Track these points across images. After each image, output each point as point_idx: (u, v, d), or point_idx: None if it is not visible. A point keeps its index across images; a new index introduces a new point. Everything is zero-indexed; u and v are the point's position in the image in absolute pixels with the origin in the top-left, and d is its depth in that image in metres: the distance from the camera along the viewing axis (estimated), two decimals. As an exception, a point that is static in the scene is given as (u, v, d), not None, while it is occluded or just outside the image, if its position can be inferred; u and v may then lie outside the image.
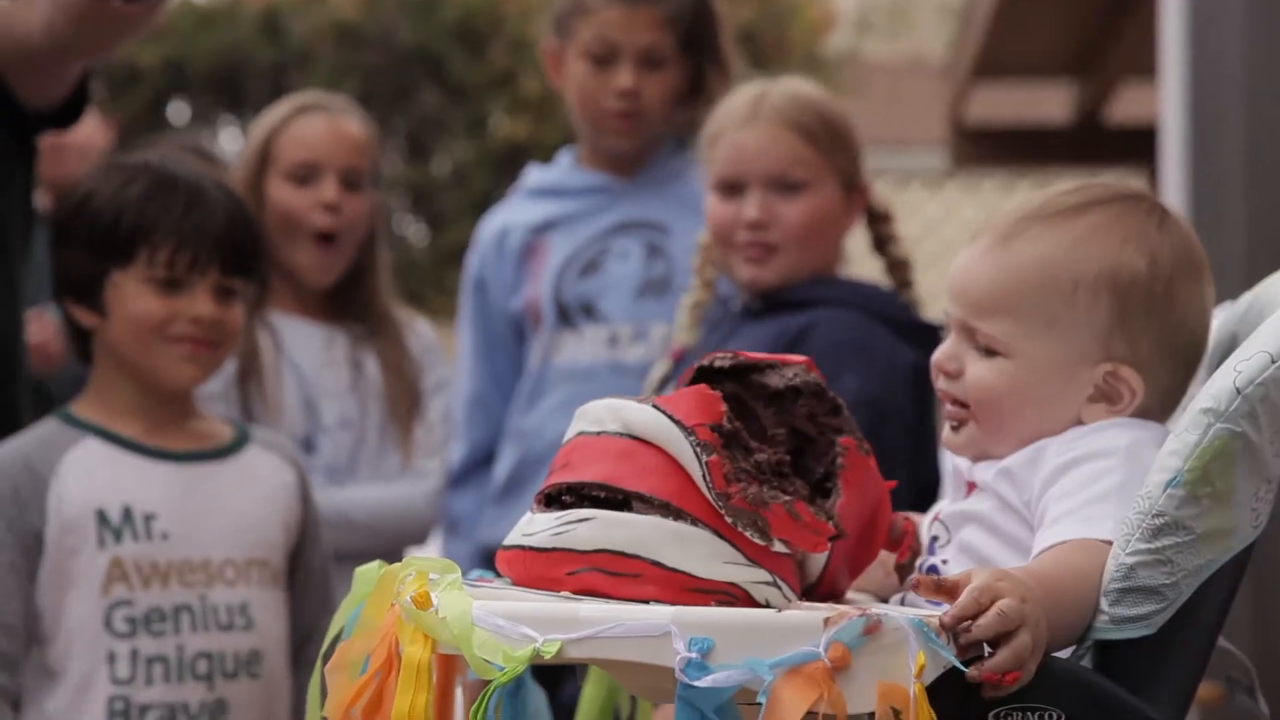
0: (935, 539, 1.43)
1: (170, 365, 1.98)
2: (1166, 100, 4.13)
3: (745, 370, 1.36)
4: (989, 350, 1.41)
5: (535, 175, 2.80)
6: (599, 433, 1.29)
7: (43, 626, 1.90)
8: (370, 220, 2.58)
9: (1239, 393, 1.27)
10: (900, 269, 2.27)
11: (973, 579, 1.18)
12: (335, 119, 2.56)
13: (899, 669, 1.15)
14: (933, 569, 1.41)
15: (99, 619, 1.90)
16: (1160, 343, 1.40)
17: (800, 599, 1.30)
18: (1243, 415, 1.27)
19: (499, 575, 1.36)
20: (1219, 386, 1.28)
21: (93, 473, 1.94)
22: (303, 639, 2.05)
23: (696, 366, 1.37)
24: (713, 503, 1.25)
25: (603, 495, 1.26)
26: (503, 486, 2.66)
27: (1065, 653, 1.28)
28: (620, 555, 1.25)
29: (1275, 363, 1.27)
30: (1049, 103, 9.06)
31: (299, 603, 2.05)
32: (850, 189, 2.21)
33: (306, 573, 2.08)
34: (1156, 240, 1.41)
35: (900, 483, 1.48)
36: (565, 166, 2.76)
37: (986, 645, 1.18)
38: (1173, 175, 4.08)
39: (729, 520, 1.24)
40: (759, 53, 10.48)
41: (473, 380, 2.73)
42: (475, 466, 2.72)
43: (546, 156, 2.90)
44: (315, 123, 2.54)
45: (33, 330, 3.27)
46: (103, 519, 1.92)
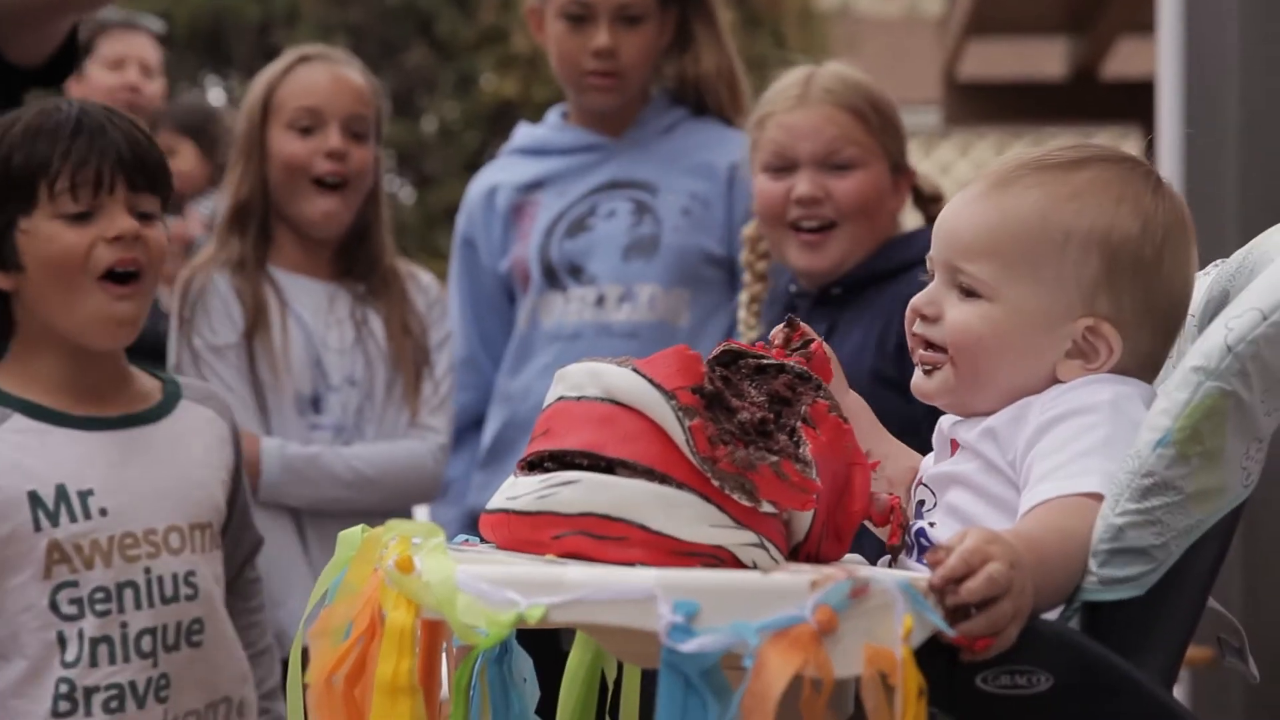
0: (921, 503, 1.42)
1: (100, 310, 1.85)
2: (1163, 56, 4.11)
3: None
4: (970, 293, 1.40)
5: (523, 134, 2.78)
6: (579, 398, 1.27)
7: None
8: (375, 173, 2.54)
9: (1230, 350, 1.26)
10: None
11: (966, 540, 1.17)
12: (337, 68, 2.52)
13: (886, 632, 1.14)
14: (921, 532, 1.40)
15: (44, 602, 1.82)
16: (1143, 306, 1.39)
17: (787, 559, 1.29)
18: (1234, 373, 1.26)
19: (485, 540, 1.35)
20: (1210, 344, 1.27)
21: (21, 453, 1.84)
22: (234, 575, 2.00)
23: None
24: (698, 467, 1.23)
25: (585, 463, 1.25)
26: (488, 450, 2.65)
27: (1054, 614, 1.27)
28: (606, 519, 1.24)
29: (1267, 319, 1.26)
30: (1045, 59, 9.02)
31: (230, 550, 2.00)
32: (898, 171, 2.23)
33: (238, 521, 2.01)
34: (1151, 205, 1.40)
35: None
36: (553, 125, 2.74)
37: (974, 608, 1.17)
38: (1168, 132, 4.06)
39: (715, 484, 1.23)
40: (752, 8, 10.42)
41: (463, 342, 2.71)
42: (465, 430, 2.70)
43: (536, 114, 2.88)
44: (317, 72, 2.51)
45: None
46: (36, 501, 1.83)
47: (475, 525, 2.21)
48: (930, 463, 1.46)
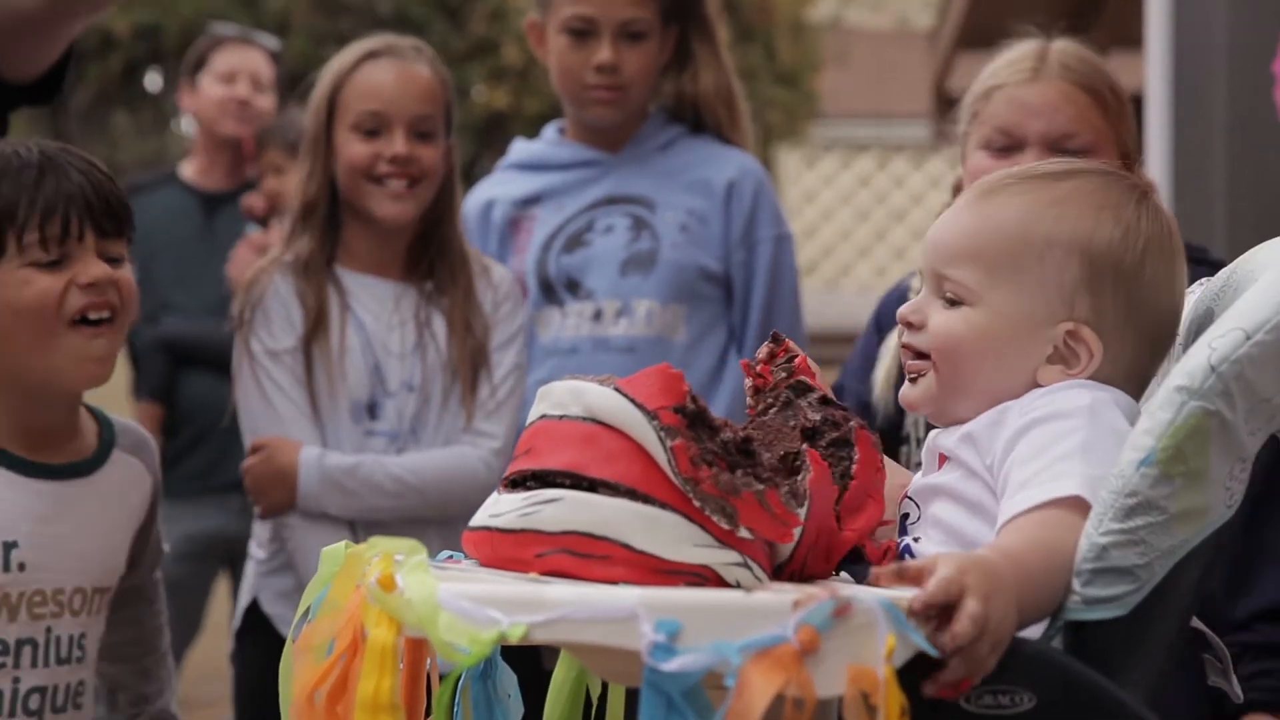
0: (906, 516, 1.42)
1: (77, 350, 1.82)
2: (1151, 71, 4.12)
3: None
4: (954, 300, 1.41)
5: (520, 149, 2.78)
6: (561, 416, 1.27)
7: None
8: (446, 166, 2.47)
9: (1213, 370, 1.26)
10: None
11: (937, 567, 1.17)
12: (403, 65, 2.44)
13: (869, 651, 1.14)
14: (906, 549, 1.40)
15: None
16: (1126, 314, 1.40)
17: (772, 579, 1.29)
18: (1217, 393, 1.26)
19: (469, 556, 1.35)
20: (1193, 363, 1.27)
21: None
22: (140, 582, 1.97)
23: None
24: (679, 487, 1.23)
25: (568, 484, 1.25)
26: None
27: (1037, 631, 1.27)
28: (589, 537, 1.24)
29: (1250, 339, 1.26)
30: (1034, 72, 9.01)
31: (139, 569, 1.96)
32: (1126, 165, 2.04)
33: (149, 560, 1.99)
34: (1132, 214, 1.41)
35: None
36: (550, 140, 2.75)
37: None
38: (1156, 145, 4.08)
39: (696, 504, 1.23)
40: (743, 21, 10.44)
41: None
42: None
43: (527, 126, 2.89)
44: (383, 70, 2.43)
45: None
46: None
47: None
48: (918, 478, 1.46)
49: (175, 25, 11.46)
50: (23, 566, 1.83)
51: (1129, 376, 1.41)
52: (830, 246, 13.32)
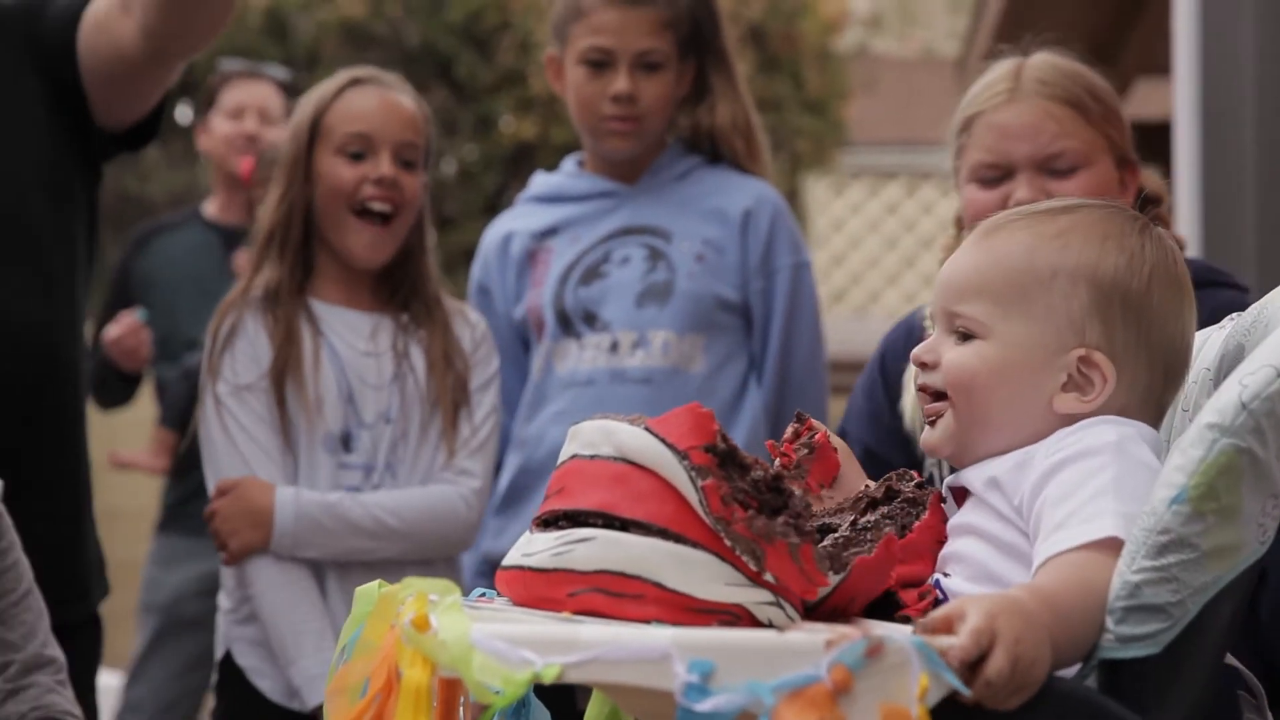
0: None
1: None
2: (1179, 98, 4.12)
3: None
4: (966, 336, 1.43)
5: (540, 181, 2.79)
6: (592, 456, 1.28)
7: None
8: (420, 201, 2.46)
9: (1244, 407, 1.26)
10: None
11: (967, 614, 1.17)
12: (388, 93, 2.45)
13: (901, 691, 1.14)
14: (936, 583, 1.40)
15: None
16: (1136, 339, 1.41)
17: (803, 617, 1.29)
18: (1249, 430, 1.26)
19: (501, 594, 1.35)
20: (1224, 401, 1.27)
21: None
22: None
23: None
24: (711, 526, 1.23)
25: (600, 523, 1.25)
26: (503, 496, 2.64)
27: (1071, 671, 1.27)
28: (621, 576, 1.24)
29: (1281, 376, 1.26)
30: (1061, 99, 9.00)
31: None
32: (1123, 165, 2.03)
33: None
34: (1137, 243, 1.43)
35: None
36: (569, 172, 2.76)
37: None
38: (1185, 173, 4.07)
39: (728, 544, 1.23)
40: (769, 50, 10.46)
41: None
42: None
43: (555, 156, 2.89)
44: (369, 96, 2.43)
45: (117, 329, 3.50)
46: None
47: (491, 570, 2.19)
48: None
49: (205, 58, 11.56)
50: None
51: (1144, 404, 1.42)
52: (859, 274, 13.31)
